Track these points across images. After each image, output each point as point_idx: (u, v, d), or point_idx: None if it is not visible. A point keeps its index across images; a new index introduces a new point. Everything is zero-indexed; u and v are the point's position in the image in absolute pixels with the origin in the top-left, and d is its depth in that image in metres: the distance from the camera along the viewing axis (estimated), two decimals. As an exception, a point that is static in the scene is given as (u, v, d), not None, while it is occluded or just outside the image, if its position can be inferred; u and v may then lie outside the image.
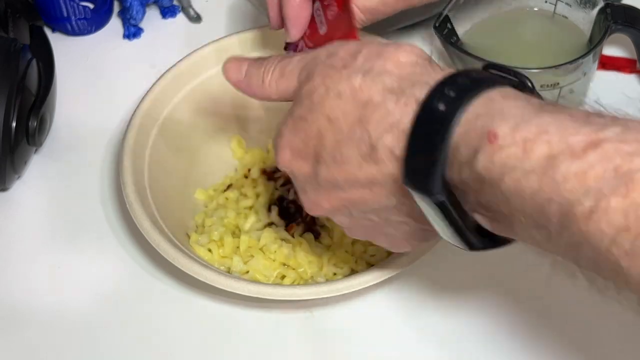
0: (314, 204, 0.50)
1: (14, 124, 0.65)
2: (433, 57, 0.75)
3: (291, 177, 0.51)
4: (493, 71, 0.44)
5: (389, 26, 0.78)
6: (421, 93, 0.43)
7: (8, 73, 0.65)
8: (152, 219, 0.60)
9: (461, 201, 0.42)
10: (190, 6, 0.82)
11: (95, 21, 0.80)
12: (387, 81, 0.44)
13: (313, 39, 0.58)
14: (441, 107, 0.41)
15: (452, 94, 0.41)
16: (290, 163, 0.49)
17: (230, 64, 0.54)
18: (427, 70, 0.45)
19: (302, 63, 0.50)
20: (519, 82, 0.43)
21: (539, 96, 0.43)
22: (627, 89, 0.75)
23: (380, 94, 0.44)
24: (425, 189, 0.42)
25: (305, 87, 0.48)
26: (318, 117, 0.46)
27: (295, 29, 0.58)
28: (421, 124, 0.42)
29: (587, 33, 0.69)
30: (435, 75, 0.44)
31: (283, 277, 0.63)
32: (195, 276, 0.58)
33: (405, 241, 0.51)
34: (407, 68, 0.45)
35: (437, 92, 0.42)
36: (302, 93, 0.48)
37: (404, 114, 0.43)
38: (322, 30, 0.57)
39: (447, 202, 0.41)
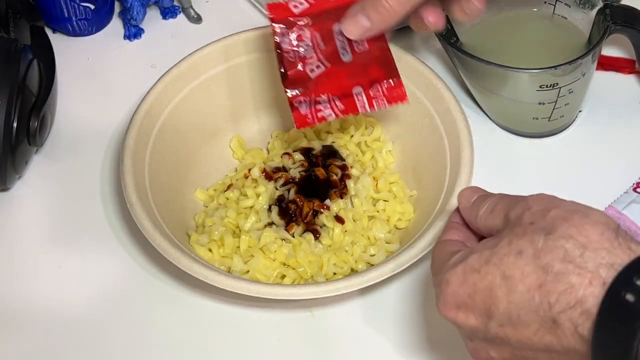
0: (481, 354, 0.48)
1: (15, 124, 0.66)
2: (433, 58, 0.76)
3: (454, 324, 0.48)
4: None
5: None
6: (607, 275, 0.41)
7: (9, 73, 0.65)
8: (152, 219, 0.60)
9: None
10: (191, 7, 0.82)
11: (96, 22, 0.81)
12: (569, 248, 0.42)
13: (325, 58, 0.57)
14: (630, 298, 0.40)
15: None
16: (456, 315, 0.47)
17: (466, 191, 0.52)
18: (612, 246, 0.42)
19: (506, 208, 0.48)
20: None
21: None
22: (625, 89, 0.75)
23: (561, 262, 0.42)
24: None
25: (496, 237, 0.46)
26: (492, 271, 0.45)
27: (355, 30, 0.57)
28: (608, 314, 0.40)
29: (586, 33, 0.69)
30: (622, 255, 0.42)
31: (283, 276, 0.63)
32: (196, 276, 0.58)
33: None
34: (592, 237, 0.43)
35: (624, 280, 0.40)
36: (489, 242, 0.46)
37: (588, 293, 0.41)
38: (346, 58, 0.56)
39: None
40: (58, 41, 0.79)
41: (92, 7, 0.79)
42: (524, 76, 0.66)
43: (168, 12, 0.83)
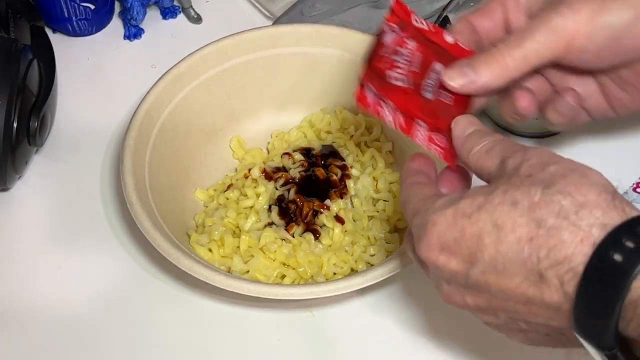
0: (455, 298, 0.48)
1: (15, 124, 0.66)
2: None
3: (429, 267, 0.48)
4: None
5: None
6: (598, 235, 0.41)
7: (9, 73, 0.65)
8: (152, 219, 0.60)
9: (637, 352, 0.41)
10: (191, 7, 0.82)
11: (96, 22, 0.81)
12: (566, 205, 0.42)
13: (411, 79, 0.54)
14: (617, 258, 0.40)
15: (630, 244, 0.39)
16: (437, 257, 0.46)
17: (464, 119, 0.52)
18: (608, 207, 0.42)
19: (504, 153, 0.47)
20: None
21: None
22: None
23: (555, 218, 0.42)
24: (596, 342, 0.40)
25: (490, 185, 0.46)
26: (483, 218, 0.44)
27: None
28: (595, 272, 0.40)
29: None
30: (615, 217, 0.41)
31: (283, 276, 0.63)
32: (196, 276, 0.58)
33: (545, 343, 0.48)
34: (589, 197, 0.42)
35: (613, 240, 0.40)
36: (482, 189, 0.46)
37: (577, 251, 0.41)
38: (427, 95, 0.53)
39: (619, 354, 0.40)
40: (58, 41, 0.79)
41: (92, 7, 0.79)
42: (524, 76, 0.66)
43: (168, 12, 0.83)
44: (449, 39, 0.54)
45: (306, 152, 0.69)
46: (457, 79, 0.53)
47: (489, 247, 0.44)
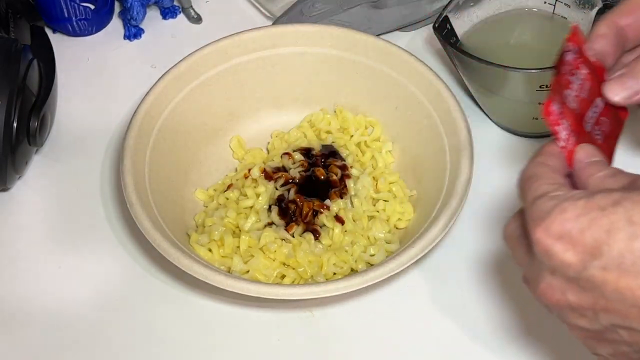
0: (553, 292, 0.45)
1: (15, 124, 0.66)
2: (433, 58, 0.76)
3: (537, 252, 0.45)
4: None
5: (389, 27, 0.78)
6: None
7: (9, 73, 0.65)
8: (152, 219, 0.61)
9: None
10: (191, 7, 0.82)
11: (96, 22, 0.81)
12: None
13: (579, 105, 0.52)
14: None
15: None
16: (553, 244, 0.43)
17: (590, 148, 0.50)
18: None
19: (633, 177, 0.46)
20: None
21: None
22: (626, 89, 0.75)
23: None
24: None
25: (628, 188, 0.45)
26: (619, 212, 0.42)
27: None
28: None
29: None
30: None
31: (283, 276, 0.63)
32: (196, 276, 0.58)
33: None
34: None
35: None
36: (617, 189, 0.44)
37: None
38: (587, 127, 0.51)
39: None
40: (58, 41, 0.79)
41: (92, 7, 0.79)
42: (523, 76, 0.66)
43: (168, 12, 0.83)
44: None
45: (306, 152, 0.69)
46: (620, 92, 0.51)
47: (620, 242, 0.42)
